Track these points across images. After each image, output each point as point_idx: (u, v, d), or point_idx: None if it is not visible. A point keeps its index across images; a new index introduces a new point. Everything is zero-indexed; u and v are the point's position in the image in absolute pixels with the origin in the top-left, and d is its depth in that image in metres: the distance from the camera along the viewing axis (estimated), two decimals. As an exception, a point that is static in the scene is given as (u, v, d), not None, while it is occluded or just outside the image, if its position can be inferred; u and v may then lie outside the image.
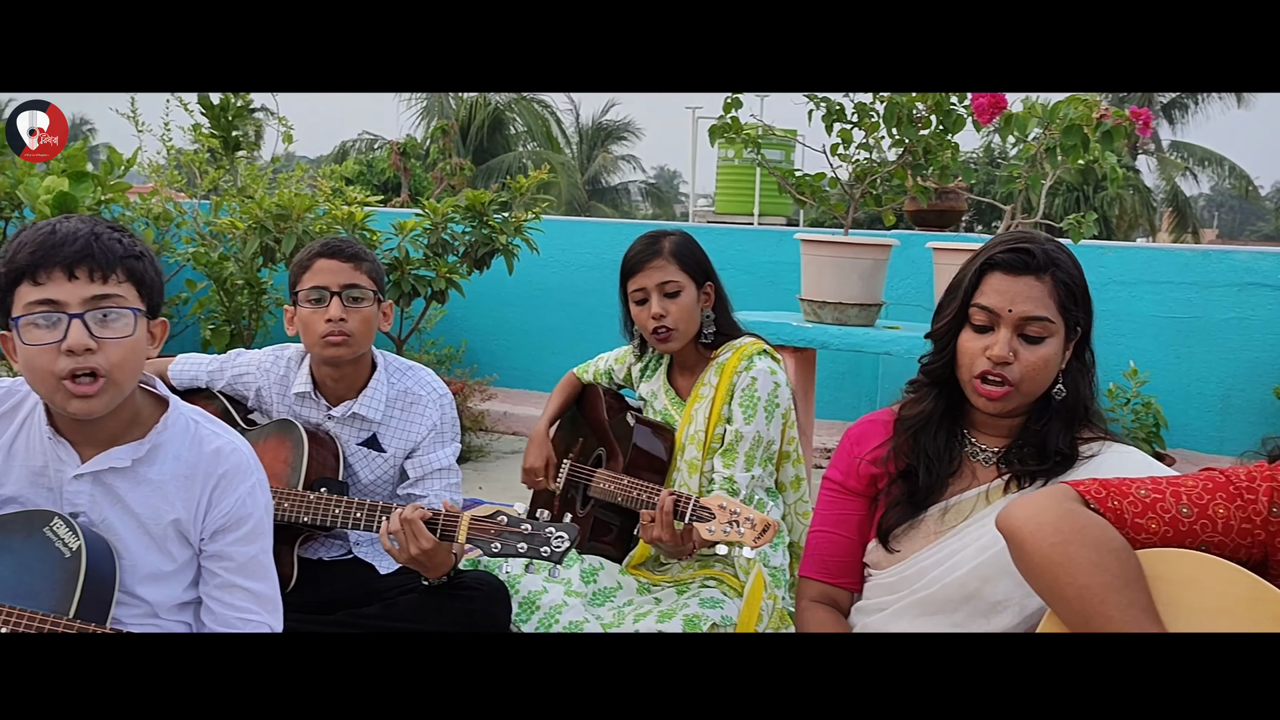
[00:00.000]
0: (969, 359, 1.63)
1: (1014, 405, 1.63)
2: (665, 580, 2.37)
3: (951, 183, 3.41)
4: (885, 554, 1.72)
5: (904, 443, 1.73)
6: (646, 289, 2.34)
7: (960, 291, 1.66)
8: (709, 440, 2.34)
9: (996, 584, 1.56)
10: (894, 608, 1.69)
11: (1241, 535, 1.33)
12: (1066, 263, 1.63)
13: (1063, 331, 1.63)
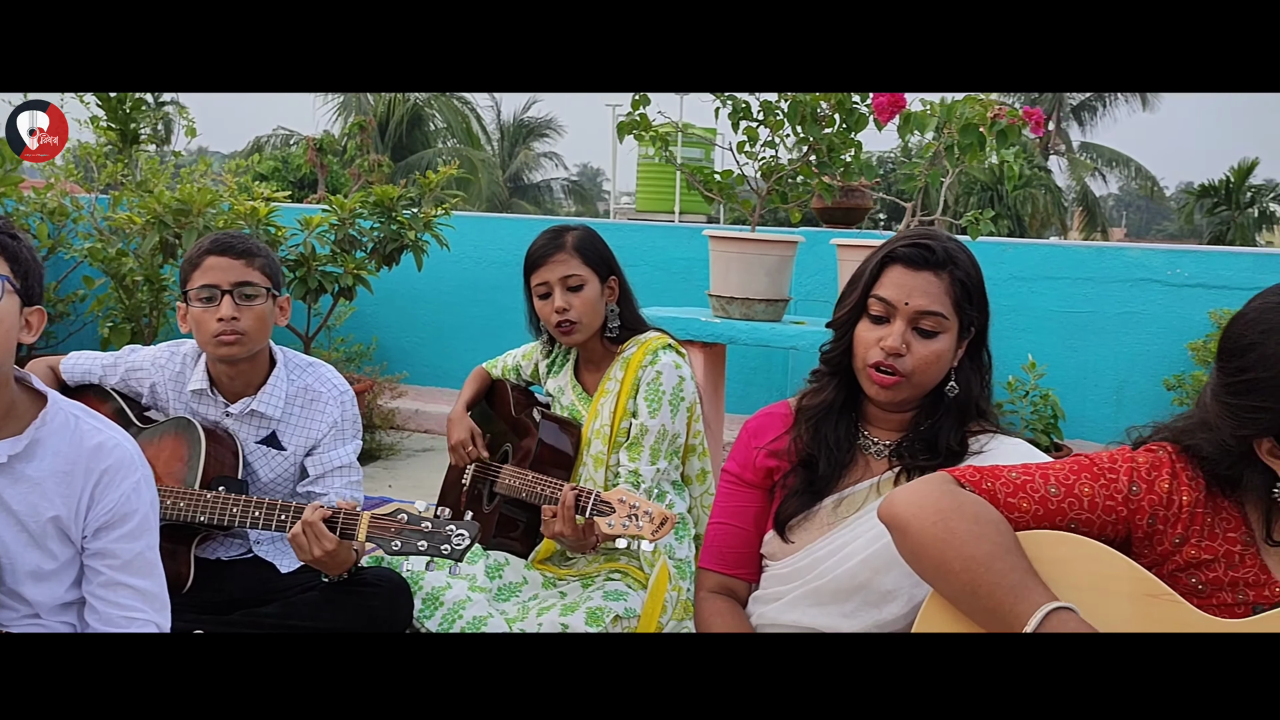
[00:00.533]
0: (864, 348, 1.67)
1: (904, 396, 1.68)
2: (571, 574, 2.40)
3: (855, 180, 3.49)
4: (781, 545, 1.75)
5: (804, 432, 1.77)
6: (549, 283, 2.36)
7: (861, 283, 1.70)
8: (614, 434, 2.37)
9: (886, 574, 1.60)
10: (789, 597, 1.72)
11: (1106, 513, 1.39)
12: (965, 262, 1.67)
13: (956, 328, 1.67)
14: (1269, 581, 1.35)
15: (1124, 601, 1.33)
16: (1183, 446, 1.41)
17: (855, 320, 1.69)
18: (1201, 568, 1.37)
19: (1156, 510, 1.38)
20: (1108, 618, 1.31)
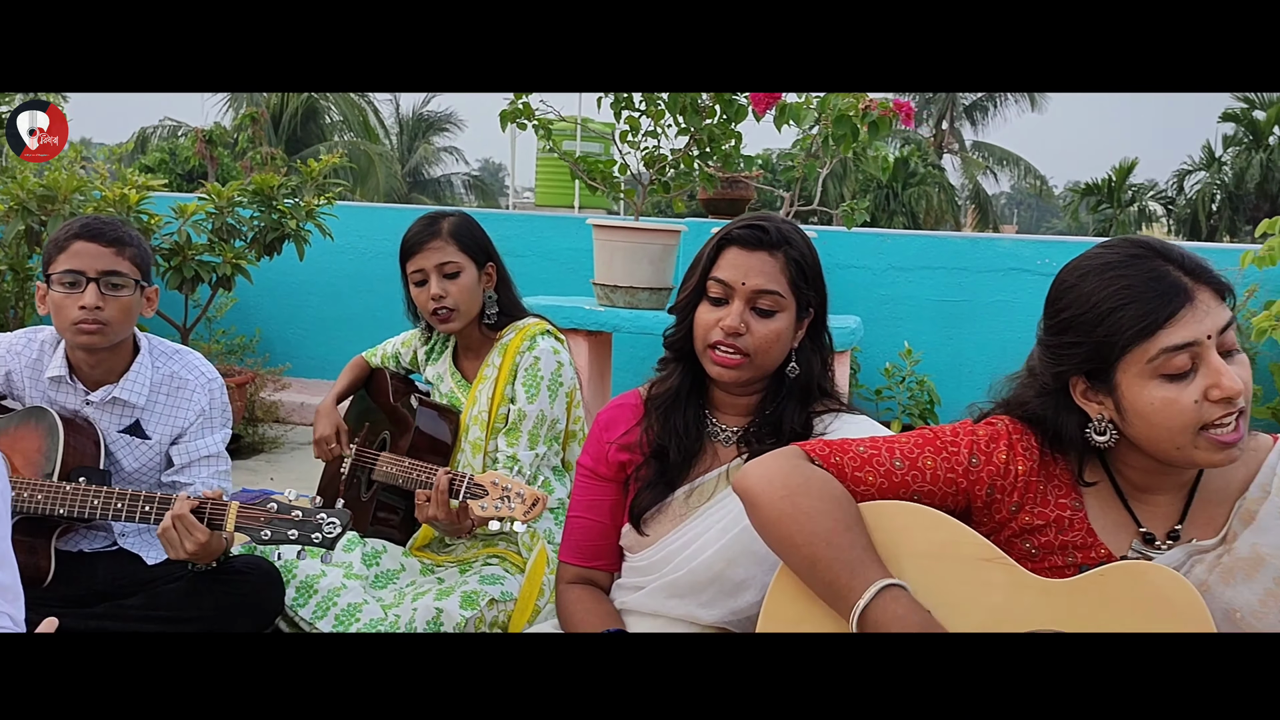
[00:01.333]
0: (704, 330, 1.70)
1: (747, 376, 1.72)
2: (449, 560, 2.40)
3: (735, 171, 3.57)
4: (638, 538, 1.78)
5: (654, 422, 1.79)
6: (425, 270, 2.35)
7: (699, 266, 1.73)
8: (493, 420, 2.38)
9: (738, 565, 1.64)
10: (648, 589, 1.75)
11: (947, 484, 1.45)
12: (800, 243, 1.72)
13: (794, 308, 1.71)
14: (1094, 544, 1.43)
15: (959, 565, 1.39)
16: (1017, 417, 1.48)
17: (695, 303, 1.73)
18: (1035, 533, 1.44)
19: (994, 480, 1.44)
20: (944, 581, 1.38)
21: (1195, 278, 1.33)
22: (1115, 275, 1.35)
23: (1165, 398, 1.30)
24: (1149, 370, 1.31)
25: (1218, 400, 1.29)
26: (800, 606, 1.43)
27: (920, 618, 1.32)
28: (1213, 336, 1.30)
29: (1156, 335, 1.30)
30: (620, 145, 3.63)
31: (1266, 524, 1.39)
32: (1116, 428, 1.38)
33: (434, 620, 2.15)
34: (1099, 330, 1.34)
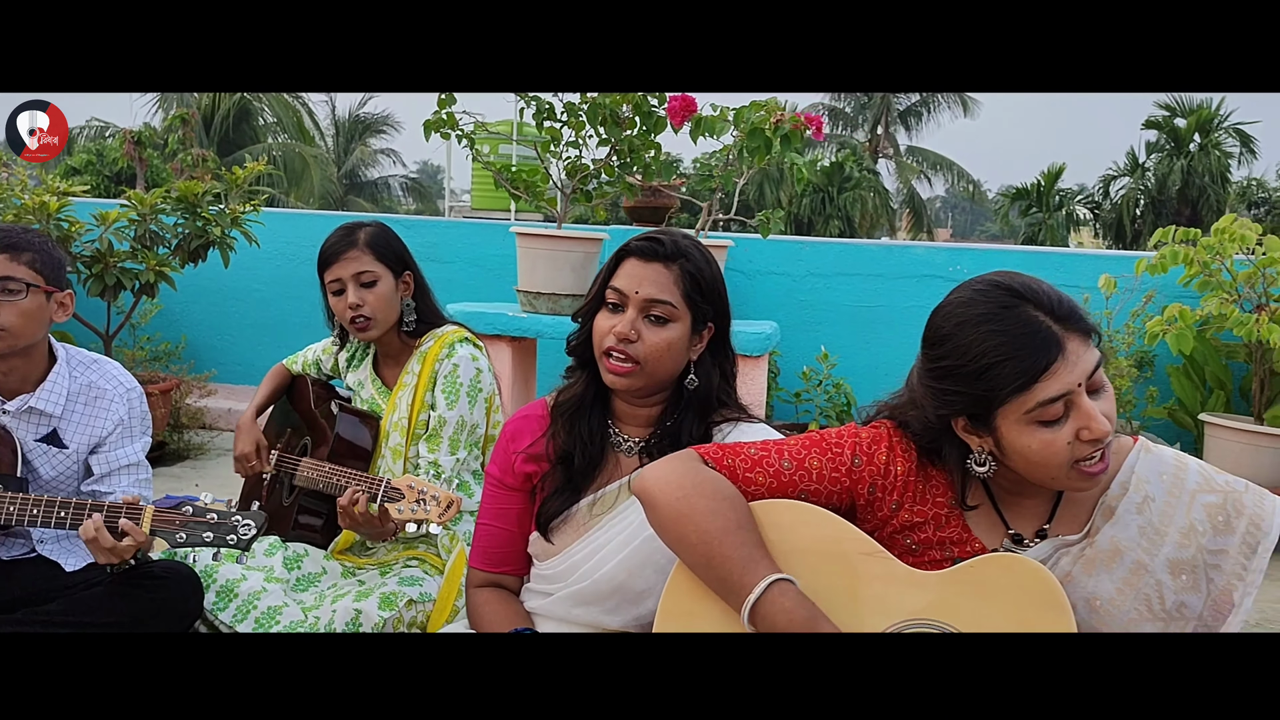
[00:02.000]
0: (600, 336, 1.76)
1: (639, 384, 1.76)
2: (370, 563, 2.44)
3: (654, 180, 3.67)
4: (544, 546, 1.83)
5: (561, 429, 1.84)
6: (343, 279, 2.39)
7: (601, 276, 1.80)
8: (413, 426, 2.43)
9: (639, 575, 1.70)
10: (555, 596, 1.80)
11: (832, 483, 1.54)
12: (697, 258, 1.78)
13: (688, 320, 1.76)
14: (970, 539, 1.52)
15: (842, 559, 1.48)
16: (898, 422, 1.57)
17: (595, 311, 1.79)
18: (914, 529, 1.53)
19: (875, 480, 1.53)
20: (828, 574, 1.47)
21: (1064, 325, 1.39)
22: (991, 330, 1.40)
23: (1043, 440, 1.38)
24: (1027, 419, 1.39)
25: (1088, 441, 1.37)
26: (695, 601, 1.50)
27: (807, 611, 1.40)
28: (1083, 384, 1.38)
29: (1033, 389, 1.37)
30: (543, 155, 3.71)
31: (1124, 519, 1.49)
32: (995, 459, 1.46)
33: (353, 621, 2.19)
34: (979, 385, 1.41)
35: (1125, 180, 33.78)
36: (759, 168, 3.50)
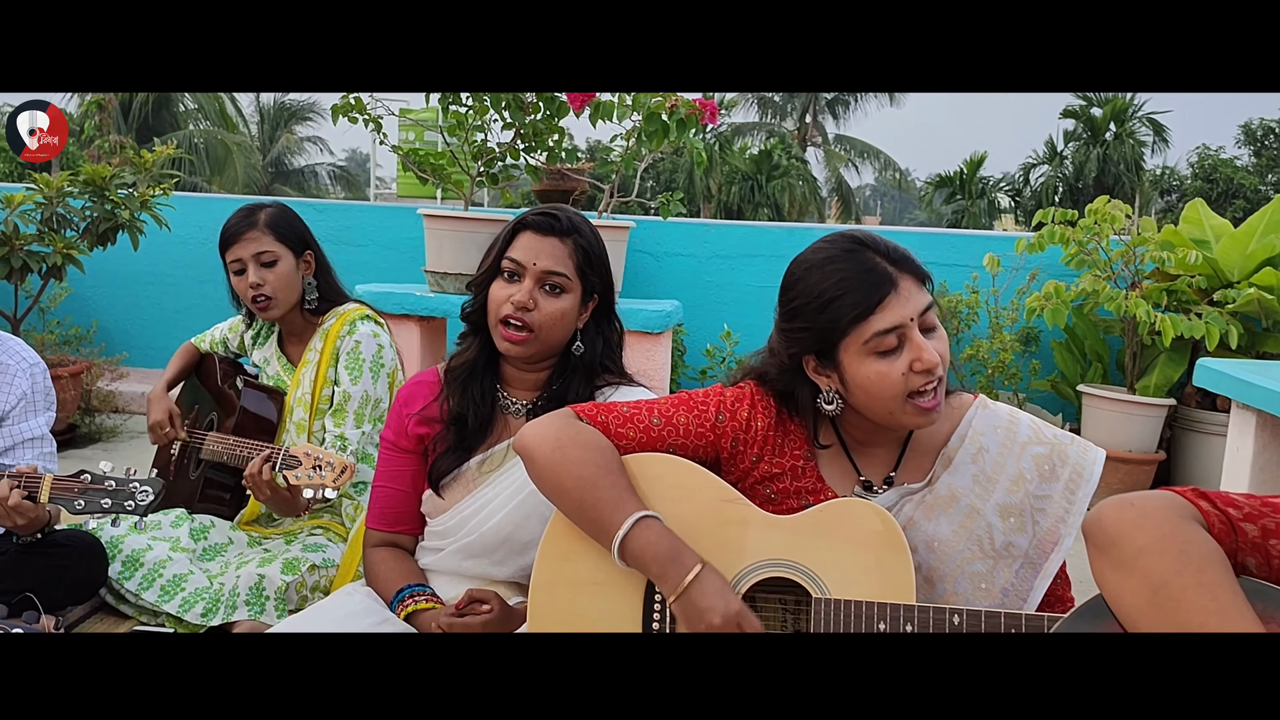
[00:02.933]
0: (496, 305, 1.85)
1: (533, 351, 1.86)
2: (276, 533, 2.51)
3: (557, 164, 3.79)
4: (437, 503, 1.92)
5: (453, 392, 1.93)
6: (243, 259, 2.46)
7: (496, 247, 1.88)
8: (316, 401, 2.50)
9: (525, 527, 1.80)
10: (446, 550, 1.90)
11: (697, 437, 1.65)
12: (588, 234, 1.90)
13: (579, 291, 1.88)
14: (824, 489, 1.64)
15: (705, 505, 1.59)
16: (760, 381, 1.68)
17: (490, 280, 1.88)
18: (773, 480, 1.65)
19: (738, 435, 1.65)
20: (693, 518, 1.58)
21: (899, 267, 1.53)
22: (834, 269, 1.54)
23: (879, 371, 1.51)
24: (865, 349, 1.52)
25: (920, 372, 1.50)
26: (570, 546, 1.61)
27: (669, 542, 1.51)
28: (915, 319, 1.51)
29: (869, 320, 1.50)
30: (449, 139, 3.81)
31: (961, 468, 1.62)
32: (842, 397, 1.59)
33: (256, 586, 2.27)
34: (822, 318, 1.54)
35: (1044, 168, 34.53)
36: (657, 151, 3.64)
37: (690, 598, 1.51)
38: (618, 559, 1.54)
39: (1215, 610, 1.05)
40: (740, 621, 1.49)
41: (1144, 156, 33.30)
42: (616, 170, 3.76)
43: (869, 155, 37.89)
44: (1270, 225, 4.39)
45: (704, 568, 1.52)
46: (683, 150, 4.02)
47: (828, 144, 38.12)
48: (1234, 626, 1.04)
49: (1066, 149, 34.19)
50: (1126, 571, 1.12)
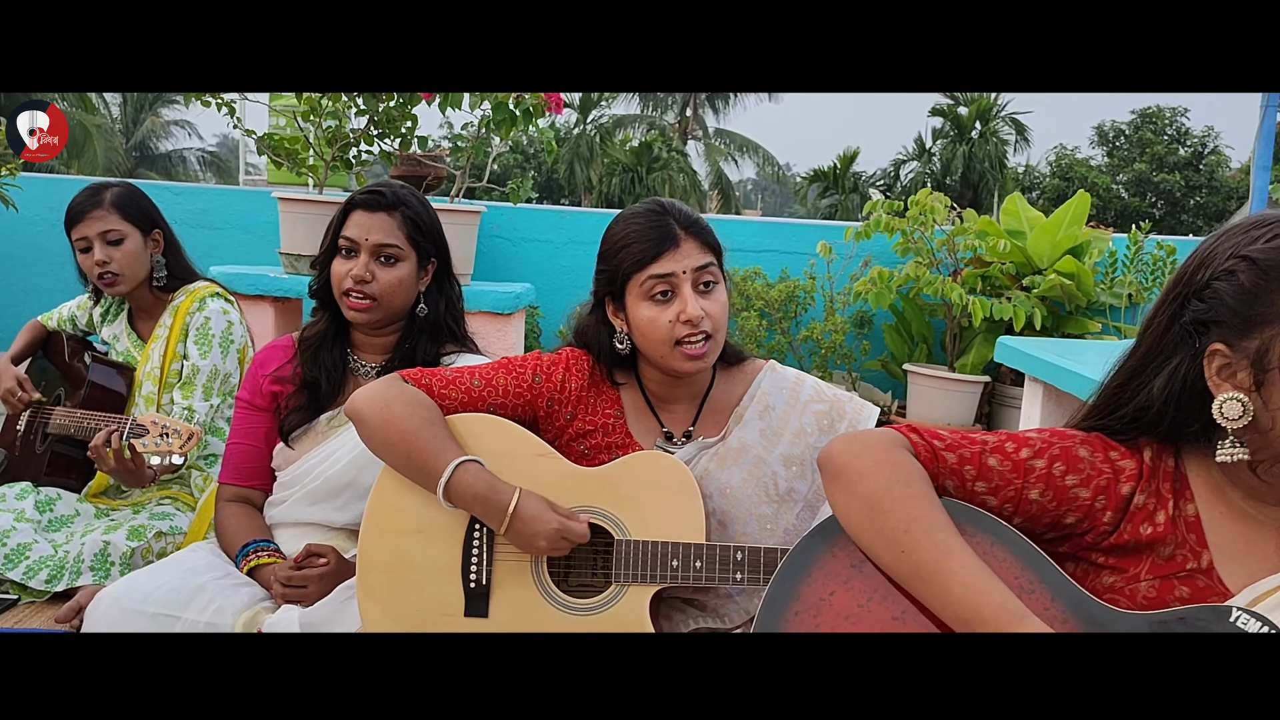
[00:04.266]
0: (338, 279, 2.00)
1: (379, 317, 2.01)
2: (123, 504, 2.57)
3: (410, 150, 3.94)
4: (287, 455, 2.04)
5: (306, 360, 2.06)
6: (89, 237, 2.51)
7: (332, 227, 2.02)
8: (165, 376, 2.57)
9: (368, 471, 1.91)
10: (291, 500, 2.02)
11: (515, 398, 1.80)
12: (415, 204, 2.04)
13: (414, 258, 2.03)
14: (631, 444, 1.81)
15: (521, 459, 1.74)
16: (576, 336, 1.86)
17: (330, 259, 2.02)
18: (586, 436, 1.81)
19: (554, 395, 1.81)
20: (509, 471, 1.71)
21: (687, 230, 1.73)
22: (633, 222, 1.75)
23: (650, 316, 1.71)
24: (642, 293, 1.71)
25: (684, 322, 1.69)
26: (398, 496, 1.74)
27: (488, 480, 1.66)
28: (688, 273, 1.69)
29: (649, 266, 1.70)
30: (303, 124, 3.92)
31: (750, 424, 1.82)
32: (631, 340, 1.77)
33: (101, 552, 2.33)
34: (614, 260, 1.74)
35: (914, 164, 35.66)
36: (506, 139, 3.83)
37: (516, 527, 1.67)
38: (443, 500, 1.67)
39: (916, 517, 1.24)
40: (564, 534, 1.67)
41: (1007, 155, 34.68)
42: (467, 156, 3.92)
43: (749, 150, 38.41)
44: (1074, 217, 4.83)
45: (521, 493, 1.67)
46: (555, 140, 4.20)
47: (708, 138, 38.54)
48: (931, 529, 1.23)
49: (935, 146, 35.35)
50: (850, 493, 1.30)
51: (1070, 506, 1.29)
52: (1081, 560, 1.32)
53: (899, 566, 1.27)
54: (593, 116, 36.42)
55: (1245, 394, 1.21)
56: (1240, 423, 1.22)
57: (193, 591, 1.87)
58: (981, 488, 1.31)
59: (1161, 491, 1.29)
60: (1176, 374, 1.27)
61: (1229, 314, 1.22)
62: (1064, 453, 1.30)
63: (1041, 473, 1.29)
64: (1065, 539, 1.32)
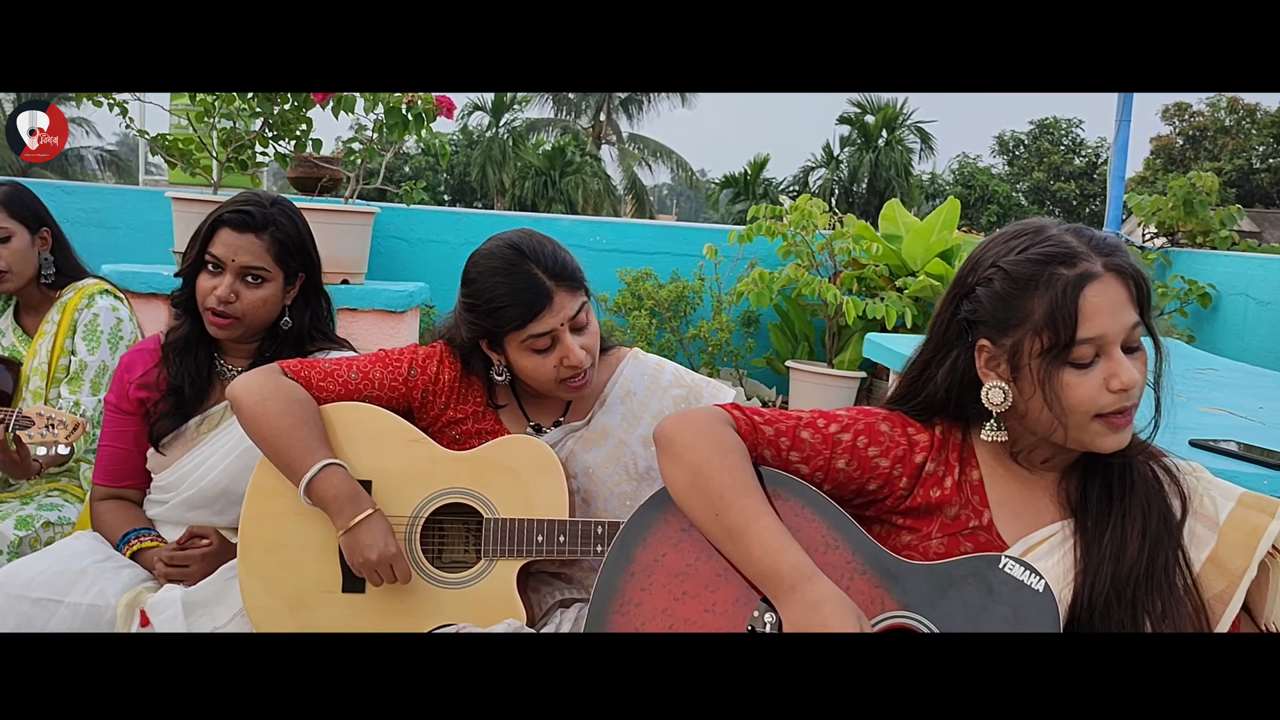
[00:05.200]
0: (203, 295, 2.02)
1: (241, 333, 2.05)
2: (12, 497, 2.56)
3: (304, 152, 4.02)
4: (159, 460, 2.07)
5: (172, 364, 2.09)
6: None
7: (199, 240, 2.03)
8: (53, 370, 2.58)
9: (241, 479, 1.93)
10: (170, 504, 2.06)
11: (390, 389, 1.88)
12: (285, 224, 2.06)
13: (281, 277, 2.05)
14: (501, 429, 1.91)
15: (394, 445, 1.83)
16: (448, 341, 1.93)
17: (197, 271, 2.04)
18: (458, 424, 1.90)
19: (427, 386, 1.90)
20: (384, 456, 1.81)
21: (556, 280, 1.79)
22: (500, 281, 1.79)
23: (535, 363, 1.80)
24: (524, 347, 1.79)
25: (569, 366, 1.79)
26: (276, 482, 1.81)
27: (351, 487, 1.74)
28: (565, 324, 1.78)
29: (527, 327, 1.77)
30: (196, 125, 3.97)
31: (613, 408, 1.93)
32: (510, 371, 1.87)
33: None
34: (490, 320, 1.80)
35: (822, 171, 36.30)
36: (399, 142, 3.94)
37: (355, 535, 1.73)
38: (304, 498, 1.75)
39: (730, 484, 1.38)
40: (393, 563, 1.73)
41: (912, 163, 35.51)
42: (360, 159, 4.02)
43: (662, 155, 38.52)
44: (946, 222, 5.12)
45: (375, 513, 1.75)
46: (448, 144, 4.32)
47: (622, 142, 38.56)
48: (741, 495, 1.37)
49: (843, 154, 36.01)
50: (676, 462, 1.43)
51: (872, 474, 1.45)
52: (884, 522, 1.48)
53: (713, 528, 1.40)
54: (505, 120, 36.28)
55: (1006, 383, 1.38)
56: (1003, 407, 1.40)
57: (75, 575, 1.90)
58: (795, 457, 1.46)
59: (950, 460, 1.46)
60: (956, 365, 1.44)
61: (989, 315, 1.40)
62: (867, 428, 1.46)
63: (848, 445, 1.45)
64: (870, 504, 1.48)
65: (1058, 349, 1.34)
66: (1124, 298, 1.36)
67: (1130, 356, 1.36)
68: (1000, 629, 1.31)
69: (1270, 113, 35.60)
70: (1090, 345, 1.34)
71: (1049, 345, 1.35)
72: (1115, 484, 1.43)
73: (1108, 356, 1.35)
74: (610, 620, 1.46)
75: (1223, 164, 34.72)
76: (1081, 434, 1.36)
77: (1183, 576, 1.37)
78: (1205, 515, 1.43)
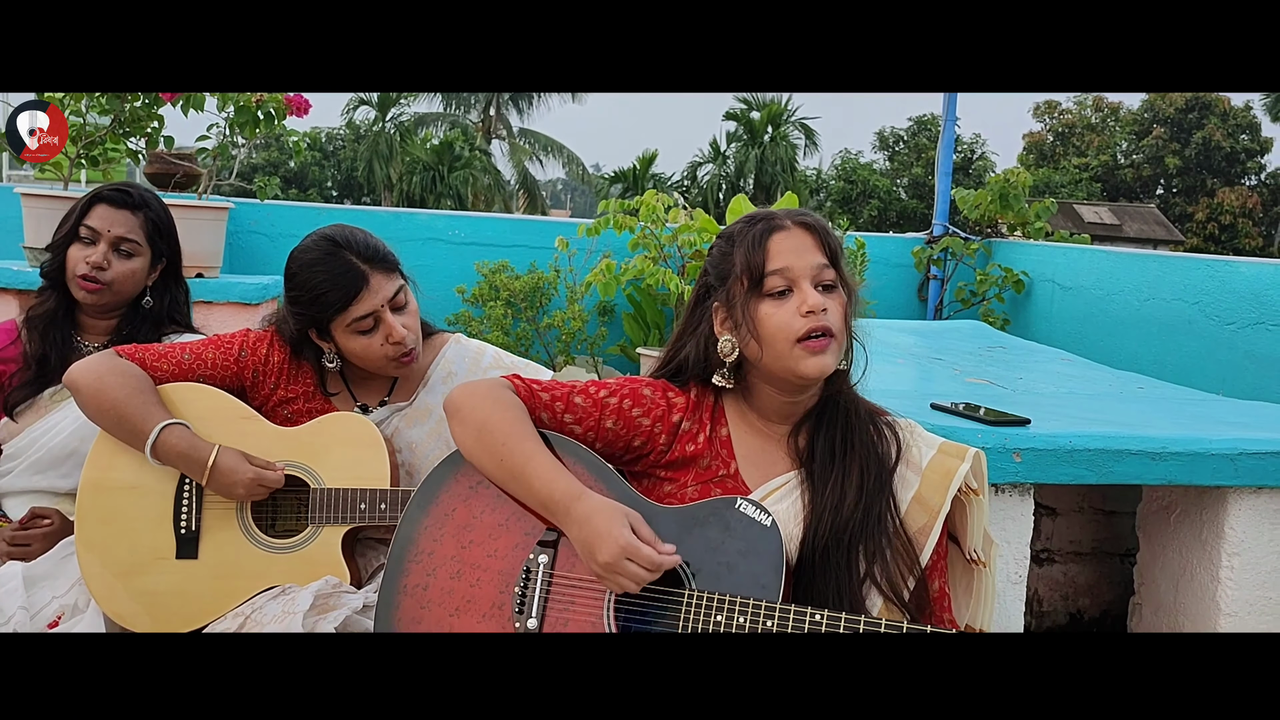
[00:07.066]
0: (74, 263, 2.17)
1: (107, 300, 2.19)
2: None
3: (155, 149, 4.13)
4: (11, 428, 2.17)
5: (34, 337, 2.20)
6: None
7: (74, 214, 2.18)
8: None
9: (88, 442, 2.03)
10: (18, 470, 2.15)
11: (223, 369, 2.02)
12: (157, 207, 2.24)
13: (149, 255, 2.21)
14: (330, 408, 2.06)
15: (226, 421, 1.97)
16: (278, 328, 2.08)
17: (68, 244, 2.17)
18: (289, 403, 2.06)
19: (258, 367, 2.04)
20: (216, 432, 1.94)
21: (371, 264, 1.95)
22: (318, 271, 1.94)
23: (363, 345, 1.96)
24: (350, 330, 1.95)
25: (394, 343, 1.95)
26: (112, 457, 1.94)
27: (191, 439, 1.87)
28: (385, 305, 1.94)
29: (348, 310, 1.93)
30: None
31: (435, 388, 2.11)
32: (342, 357, 2.03)
33: None
34: (314, 309, 1.95)
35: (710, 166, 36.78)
36: (252, 139, 4.08)
37: (216, 478, 1.88)
38: (151, 458, 1.87)
39: (510, 433, 1.58)
40: (260, 481, 1.89)
41: (797, 158, 36.25)
42: (214, 156, 4.16)
43: (553, 150, 38.46)
44: (785, 216, 5.44)
45: (220, 449, 1.88)
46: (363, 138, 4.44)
47: (512, 137, 38.40)
48: (520, 441, 1.57)
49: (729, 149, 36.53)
50: (464, 423, 1.63)
51: (636, 432, 1.66)
52: (650, 476, 1.70)
53: (499, 472, 1.59)
54: (392, 114, 35.84)
55: (731, 335, 1.63)
56: (733, 357, 1.64)
57: None
58: (569, 419, 1.66)
59: (703, 419, 1.68)
60: (699, 331, 1.68)
61: (714, 277, 1.65)
62: (632, 393, 1.68)
63: (614, 407, 1.66)
64: (637, 459, 1.69)
65: (753, 284, 1.59)
66: (809, 243, 1.61)
67: (827, 295, 1.60)
68: (735, 560, 1.53)
69: (1133, 111, 37.46)
70: (779, 277, 1.59)
71: (749, 285, 1.59)
72: (839, 442, 1.67)
73: (798, 289, 1.59)
74: (406, 568, 1.65)
75: (1089, 159, 36.41)
76: (788, 360, 1.59)
77: (892, 520, 1.62)
78: (913, 461, 1.69)
